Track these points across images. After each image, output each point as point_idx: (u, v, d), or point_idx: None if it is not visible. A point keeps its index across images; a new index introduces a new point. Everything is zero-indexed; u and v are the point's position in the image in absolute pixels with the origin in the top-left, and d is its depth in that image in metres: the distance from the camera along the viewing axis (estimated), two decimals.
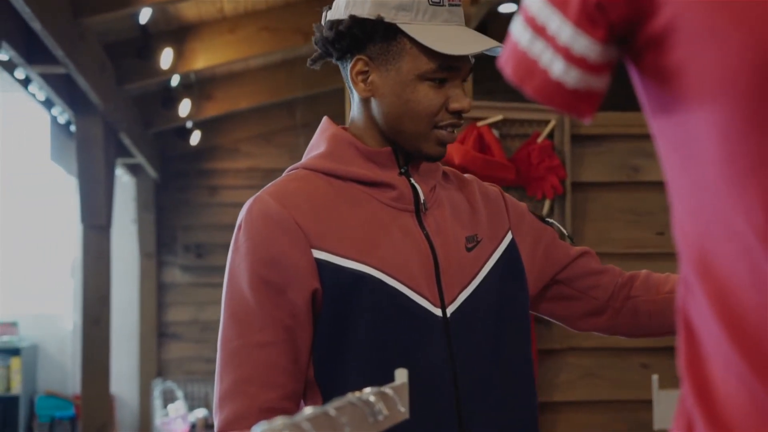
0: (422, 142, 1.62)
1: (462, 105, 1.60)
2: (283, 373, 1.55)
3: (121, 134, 6.65)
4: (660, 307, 1.81)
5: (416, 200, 1.66)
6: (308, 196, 1.60)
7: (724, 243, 0.70)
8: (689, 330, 0.75)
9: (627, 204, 3.56)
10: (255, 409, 1.53)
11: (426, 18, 1.57)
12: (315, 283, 1.55)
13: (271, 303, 1.55)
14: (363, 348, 1.55)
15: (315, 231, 1.57)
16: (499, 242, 1.74)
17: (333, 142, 1.67)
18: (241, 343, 1.55)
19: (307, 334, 1.57)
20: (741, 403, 0.68)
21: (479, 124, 3.42)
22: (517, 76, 0.79)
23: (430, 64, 1.57)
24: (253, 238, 1.57)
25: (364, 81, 1.63)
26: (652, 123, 0.79)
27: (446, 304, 1.62)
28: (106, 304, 6.39)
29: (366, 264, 1.56)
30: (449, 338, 1.60)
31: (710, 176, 0.70)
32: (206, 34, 6.48)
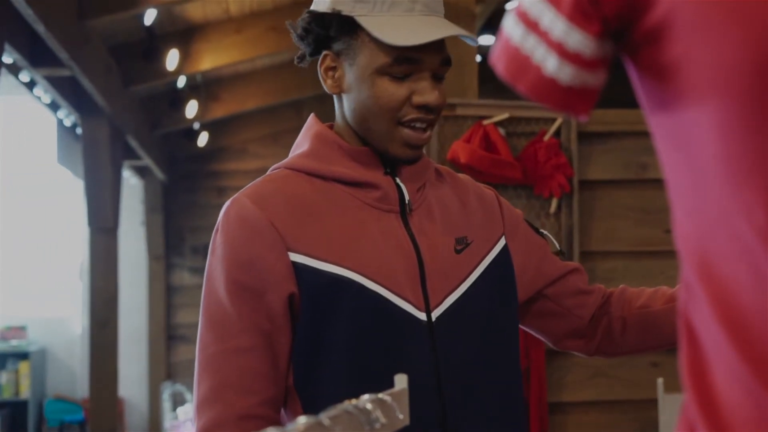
0: (388, 142, 1.57)
1: (426, 98, 1.53)
2: (262, 378, 1.52)
3: (128, 136, 6.64)
4: (632, 322, 1.77)
5: (402, 200, 1.61)
6: (287, 198, 1.56)
7: (724, 244, 0.67)
8: (691, 334, 0.72)
9: (635, 202, 3.53)
10: (232, 416, 1.50)
11: (384, 9, 1.52)
12: (292, 287, 1.51)
13: (247, 307, 1.51)
14: (343, 354, 1.51)
15: (292, 233, 1.52)
16: (492, 246, 1.68)
17: (316, 141, 1.63)
18: (218, 348, 1.52)
19: (285, 338, 1.53)
20: (745, 411, 0.66)
21: (485, 123, 3.39)
22: (510, 72, 0.76)
23: (386, 57, 1.51)
24: (229, 242, 1.54)
25: (332, 77, 1.60)
26: (650, 120, 0.76)
27: (431, 308, 1.56)
28: (114, 307, 6.38)
29: (345, 267, 1.52)
30: (434, 343, 1.55)
31: (710, 175, 0.68)
32: (212, 34, 6.46)
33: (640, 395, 3.45)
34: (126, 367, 7.86)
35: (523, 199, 3.45)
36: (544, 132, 3.44)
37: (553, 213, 3.44)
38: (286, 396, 1.57)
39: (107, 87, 5.75)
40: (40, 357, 8.79)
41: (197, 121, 8.08)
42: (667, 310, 1.73)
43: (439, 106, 1.55)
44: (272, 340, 1.52)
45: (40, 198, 8.92)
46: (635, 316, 1.76)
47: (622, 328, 1.78)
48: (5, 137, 8.64)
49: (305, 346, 1.53)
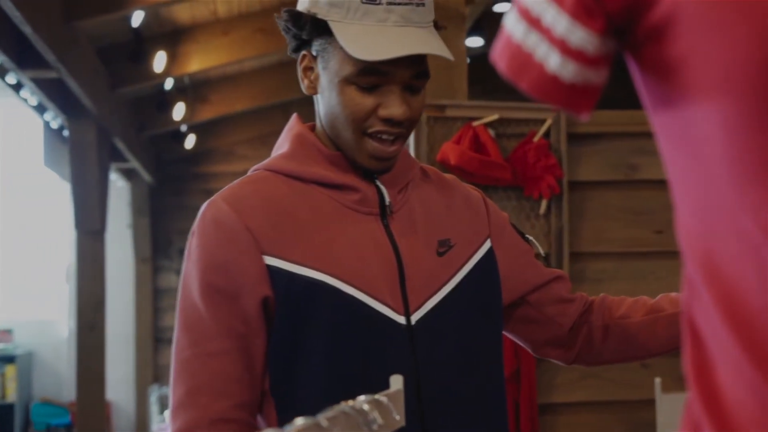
0: (355, 151, 1.55)
1: (390, 112, 1.50)
2: (236, 382, 1.51)
3: (115, 139, 6.62)
4: (612, 332, 1.76)
5: (382, 203, 1.59)
6: (264, 200, 1.54)
7: (730, 243, 0.67)
8: (695, 334, 0.72)
9: (625, 203, 3.53)
10: (206, 420, 1.49)
11: (357, 17, 1.48)
12: (266, 290, 1.50)
13: (222, 311, 1.50)
14: (319, 358, 1.49)
15: (267, 236, 1.51)
16: (477, 249, 1.67)
17: (296, 143, 1.61)
18: (193, 352, 1.51)
19: (260, 341, 1.52)
20: (750, 409, 0.65)
21: (475, 124, 3.39)
22: (511, 70, 0.75)
23: (353, 66, 1.49)
24: (203, 245, 1.53)
25: (309, 78, 1.58)
26: (653, 119, 0.75)
27: (411, 311, 1.54)
28: (101, 309, 6.35)
29: (321, 271, 1.50)
30: (414, 347, 1.53)
31: (716, 174, 0.67)
32: (200, 36, 6.45)
33: (631, 396, 3.45)
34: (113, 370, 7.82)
35: (513, 201, 3.45)
36: (533, 133, 3.44)
37: (543, 214, 3.44)
38: (262, 400, 1.55)
39: (94, 89, 5.72)
40: (26, 360, 8.75)
41: (185, 124, 8.06)
42: (647, 321, 1.73)
43: (406, 120, 1.52)
44: (247, 343, 1.51)
45: (26, 201, 8.88)
46: (615, 326, 1.75)
47: (602, 338, 1.77)
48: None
49: (281, 350, 1.51)
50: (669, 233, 3.51)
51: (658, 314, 1.72)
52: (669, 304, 1.73)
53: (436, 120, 3.40)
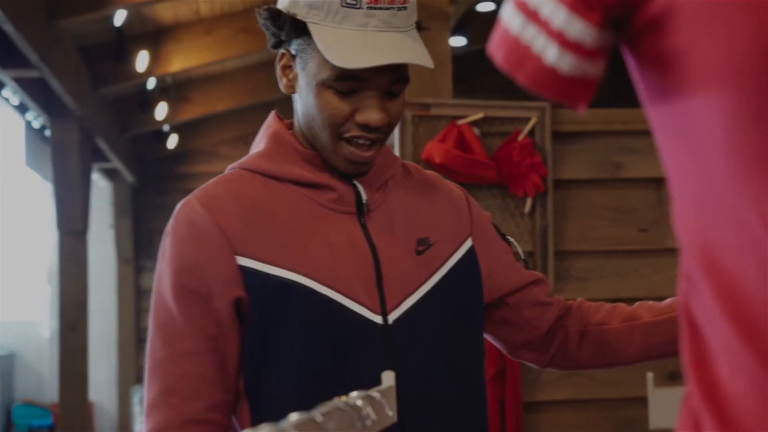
0: (331, 155, 1.54)
1: (367, 118, 1.49)
2: (209, 383, 1.50)
3: (97, 138, 6.59)
4: (588, 338, 1.75)
5: (359, 201, 1.58)
6: (238, 200, 1.53)
7: (730, 235, 0.67)
8: (693, 327, 0.72)
9: (609, 201, 3.54)
10: (178, 421, 1.49)
11: (336, 20, 1.46)
12: (239, 291, 1.49)
13: (194, 312, 1.50)
14: (293, 358, 1.49)
15: (241, 237, 1.50)
16: (457, 247, 1.65)
17: (273, 141, 1.60)
18: (166, 353, 1.51)
19: (234, 342, 1.51)
20: (751, 402, 0.65)
21: (459, 123, 3.39)
22: (509, 63, 0.75)
23: (330, 71, 1.46)
24: (176, 246, 1.52)
25: (287, 77, 1.57)
26: (650, 112, 0.75)
27: (388, 310, 1.53)
28: (84, 310, 6.33)
29: (294, 271, 1.49)
30: (391, 347, 1.52)
31: (715, 166, 0.67)
32: (182, 35, 6.43)
33: (616, 394, 3.46)
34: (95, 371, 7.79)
35: (498, 199, 3.45)
36: (518, 132, 3.44)
37: (528, 212, 3.45)
38: (236, 400, 1.55)
39: (77, 88, 5.70)
40: (8, 361, 8.70)
41: (167, 123, 8.04)
42: (624, 329, 1.72)
43: (383, 126, 1.51)
44: (220, 344, 1.51)
45: (7, 201, 8.83)
46: (591, 333, 1.75)
47: (577, 343, 1.76)
48: None
49: (255, 351, 1.51)
50: (653, 231, 3.52)
51: (635, 322, 1.71)
52: (647, 312, 1.72)
53: (421, 119, 3.40)
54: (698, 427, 0.69)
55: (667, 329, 1.69)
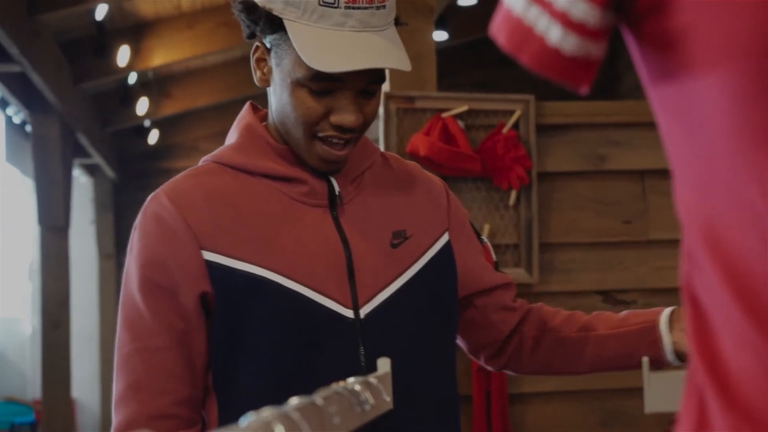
0: (304, 152, 1.52)
1: (342, 119, 1.47)
2: (175, 378, 1.50)
3: (78, 134, 6.57)
4: (542, 344, 1.75)
5: (332, 194, 1.57)
6: (207, 194, 1.52)
7: (733, 213, 0.67)
8: (696, 305, 0.72)
9: (593, 193, 3.55)
10: (144, 416, 1.50)
11: (313, 19, 1.43)
12: (205, 286, 1.48)
13: (161, 307, 1.50)
14: (261, 354, 1.48)
15: (208, 231, 1.49)
16: (434, 241, 1.64)
17: (245, 134, 1.58)
18: (133, 347, 1.51)
19: (201, 337, 1.51)
20: (756, 376, 0.66)
21: (444, 116, 3.39)
22: (512, 44, 0.75)
23: (306, 70, 1.44)
24: (143, 240, 1.52)
25: (262, 70, 1.54)
26: (651, 93, 0.76)
27: (360, 305, 1.52)
28: (66, 306, 6.31)
29: (262, 266, 1.48)
30: (363, 341, 1.51)
31: (719, 145, 0.68)
32: (163, 30, 6.41)
33: (601, 385, 3.47)
34: (78, 368, 7.77)
35: (483, 192, 3.46)
36: (502, 124, 3.45)
37: (513, 205, 3.45)
38: (205, 395, 1.55)
39: (58, 83, 5.67)
40: None
41: (148, 119, 8.02)
42: (577, 339, 1.72)
43: (357, 126, 1.50)
44: (187, 339, 1.51)
45: None
46: (546, 340, 1.74)
47: (531, 349, 1.76)
48: None
49: (222, 346, 1.50)
50: (637, 223, 3.53)
51: (589, 333, 1.71)
52: (602, 324, 1.71)
53: (406, 111, 3.40)
54: (702, 402, 0.70)
55: (619, 343, 1.68)
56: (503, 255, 3.44)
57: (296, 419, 0.83)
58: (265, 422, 0.79)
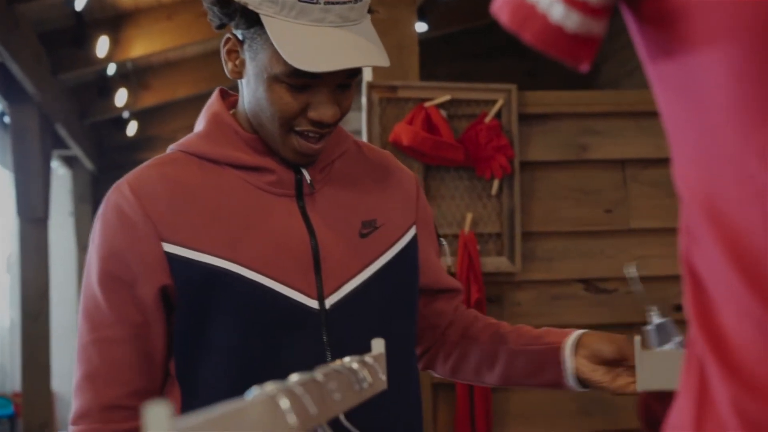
0: (279, 145, 1.51)
1: (320, 115, 1.47)
2: (131, 369, 1.51)
3: (57, 125, 6.53)
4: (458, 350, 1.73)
5: (300, 183, 1.55)
6: (170, 185, 1.51)
7: (734, 187, 0.69)
8: (695, 280, 0.74)
9: (575, 182, 3.57)
10: (98, 406, 1.51)
11: (292, 15, 1.41)
12: (165, 279, 1.48)
13: (118, 299, 1.50)
14: (225, 346, 1.48)
15: (169, 223, 1.48)
16: (403, 233, 1.64)
17: (212, 123, 1.57)
18: (91, 338, 1.52)
19: (159, 330, 1.51)
20: (757, 346, 0.67)
21: (427, 105, 3.40)
22: (514, 22, 0.76)
23: (284, 66, 1.42)
24: (103, 231, 1.51)
25: (233, 61, 1.52)
26: (650, 70, 0.77)
27: (325, 295, 1.51)
28: (45, 298, 6.28)
29: (224, 258, 1.47)
30: (327, 332, 1.51)
31: (720, 119, 0.69)
32: (143, 21, 6.38)
33: None
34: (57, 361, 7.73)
35: (465, 181, 3.48)
36: (485, 114, 3.46)
37: (495, 194, 3.47)
38: (168, 384, 1.55)
39: (37, 74, 5.64)
40: None
41: (127, 110, 7.99)
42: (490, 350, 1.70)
43: (335, 121, 1.50)
44: (144, 331, 1.51)
45: None
46: (461, 347, 1.73)
47: (447, 353, 1.75)
48: None
49: (185, 337, 1.51)
50: (618, 212, 3.56)
51: (502, 346, 1.69)
52: (516, 338, 1.69)
53: (389, 101, 3.41)
54: (703, 372, 0.72)
55: (526, 361, 1.66)
56: (486, 244, 3.46)
57: (299, 393, 0.84)
58: (270, 395, 0.80)
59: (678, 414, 0.74)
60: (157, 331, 1.51)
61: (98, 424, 1.51)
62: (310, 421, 0.87)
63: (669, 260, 3.45)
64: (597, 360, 1.61)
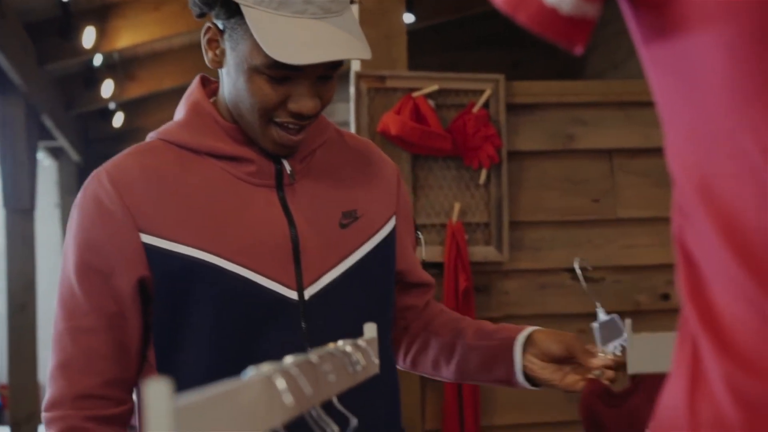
0: (258, 135, 1.51)
1: (300, 107, 1.46)
2: (105, 359, 1.51)
3: (43, 116, 6.51)
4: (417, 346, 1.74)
5: (281, 173, 1.55)
6: (149, 175, 1.50)
7: (727, 164, 0.69)
8: (687, 258, 0.74)
9: (562, 172, 3.59)
10: (71, 395, 1.51)
11: (273, 6, 1.39)
12: (142, 270, 1.48)
13: (94, 289, 1.49)
14: (204, 337, 1.48)
15: (147, 214, 1.48)
16: (383, 224, 1.63)
17: (192, 112, 1.56)
18: (66, 327, 1.51)
19: (135, 321, 1.51)
20: (750, 323, 0.68)
21: (415, 95, 3.41)
22: (509, 5, 0.77)
23: (264, 58, 1.41)
24: (81, 220, 1.51)
25: (214, 51, 1.51)
26: (644, 52, 0.78)
27: (305, 286, 1.51)
28: (32, 290, 6.27)
29: (202, 249, 1.47)
30: (306, 323, 1.50)
31: (713, 98, 0.70)
32: (130, 11, 6.36)
33: None
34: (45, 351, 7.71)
35: (453, 170, 3.49)
36: (473, 104, 3.47)
37: (483, 184, 3.48)
38: (146, 371, 1.55)
39: (23, 65, 5.62)
40: None
41: (113, 101, 7.96)
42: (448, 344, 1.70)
43: (315, 113, 1.49)
44: (120, 321, 1.51)
45: None
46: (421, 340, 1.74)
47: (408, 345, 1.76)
48: None
49: (165, 329, 1.51)
50: (605, 202, 3.58)
51: (459, 341, 1.69)
52: (473, 333, 1.68)
53: (377, 91, 3.41)
54: (696, 349, 0.72)
55: (480, 356, 1.66)
56: (474, 233, 3.47)
57: (295, 374, 0.85)
58: (266, 375, 0.81)
59: (671, 391, 0.75)
60: (132, 321, 1.51)
61: (71, 411, 1.50)
62: (306, 401, 0.87)
63: (656, 249, 3.48)
64: (546, 358, 1.59)
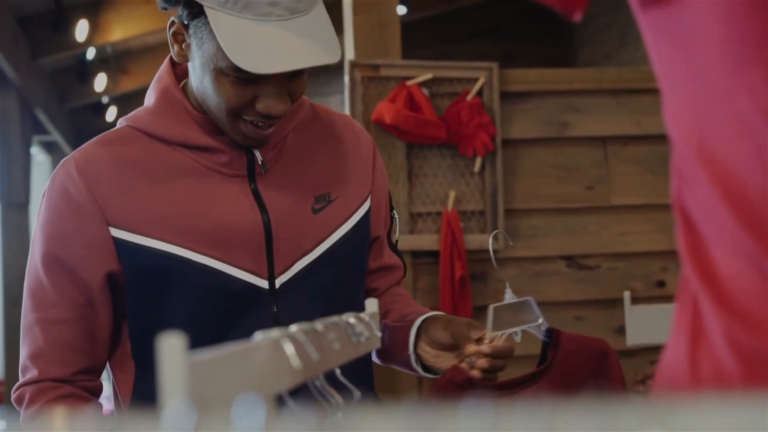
0: (228, 130, 1.48)
1: (269, 109, 1.42)
2: (74, 350, 1.51)
3: (37, 110, 6.51)
4: None
5: (253, 163, 1.52)
6: (119, 165, 1.48)
7: (726, 125, 0.71)
8: (687, 220, 0.76)
9: (556, 159, 3.60)
10: (42, 385, 1.51)
11: (237, 9, 1.35)
12: (112, 264, 1.47)
13: (62, 281, 1.49)
14: (175, 326, 1.44)
15: (116, 207, 1.46)
16: (358, 206, 1.61)
17: (162, 99, 1.53)
18: (35, 317, 1.51)
19: (105, 312, 1.51)
20: (750, 280, 0.70)
21: (409, 83, 3.42)
22: None
23: (228, 62, 1.37)
24: (48, 211, 1.50)
25: (179, 45, 1.46)
26: (643, 19, 0.79)
27: (276, 274, 1.50)
28: None
29: (171, 242, 1.46)
30: (278, 311, 1.50)
31: (711, 60, 0.71)
32: (122, 5, 6.36)
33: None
34: None
35: (448, 159, 3.50)
36: (467, 92, 3.48)
37: (478, 172, 3.50)
38: (122, 361, 1.55)
39: (16, 58, 5.63)
40: None
41: (106, 95, 7.95)
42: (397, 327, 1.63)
43: (284, 113, 1.45)
44: (88, 312, 1.51)
45: None
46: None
47: None
48: None
49: (139, 321, 1.51)
50: (599, 189, 3.59)
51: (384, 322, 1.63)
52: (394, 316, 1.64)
53: (371, 80, 3.42)
54: (697, 308, 0.74)
55: (390, 337, 1.59)
56: (469, 221, 3.49)
57: (302, 340, 0.86)
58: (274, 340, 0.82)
59: (672, 349, 0.77)
60: (102, 311, 1.51)
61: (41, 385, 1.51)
62: (312, 367, 0.89)
63: (650, 236, 3.49)
64: (436, 346, 1.52)
